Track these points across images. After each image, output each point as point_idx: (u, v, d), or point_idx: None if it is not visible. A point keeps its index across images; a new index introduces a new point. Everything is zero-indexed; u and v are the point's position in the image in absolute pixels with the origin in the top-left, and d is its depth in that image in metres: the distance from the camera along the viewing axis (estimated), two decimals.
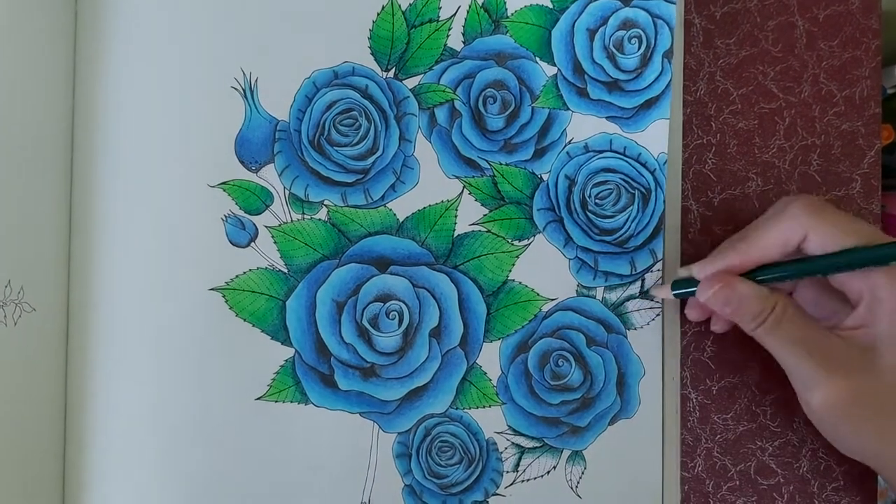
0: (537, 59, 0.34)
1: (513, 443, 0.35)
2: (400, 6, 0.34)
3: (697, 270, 0.31)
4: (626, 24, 0.34)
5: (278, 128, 0.34)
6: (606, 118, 0.35)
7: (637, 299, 0.35)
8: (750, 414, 0.35)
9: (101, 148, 0.34)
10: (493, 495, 0.35)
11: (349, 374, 0.34)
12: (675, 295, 0.33)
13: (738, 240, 0.30)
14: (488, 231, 0.35)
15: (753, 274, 0.30)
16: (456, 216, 0.35)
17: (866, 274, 0.28)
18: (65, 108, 0.34)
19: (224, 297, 0.34)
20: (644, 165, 0.35)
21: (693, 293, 0.31)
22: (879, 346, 0.27)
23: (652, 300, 0.35)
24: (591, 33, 0.34)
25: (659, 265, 0.35)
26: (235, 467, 0.34)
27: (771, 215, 0.30)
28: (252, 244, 0.34)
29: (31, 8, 0.31)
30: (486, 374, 0.35)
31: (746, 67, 0.35)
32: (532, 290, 0.35)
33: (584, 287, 0.35)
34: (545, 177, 0.35)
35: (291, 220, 0.34)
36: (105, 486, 0.34)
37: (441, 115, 0.35)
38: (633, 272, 0.35)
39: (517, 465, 0.35)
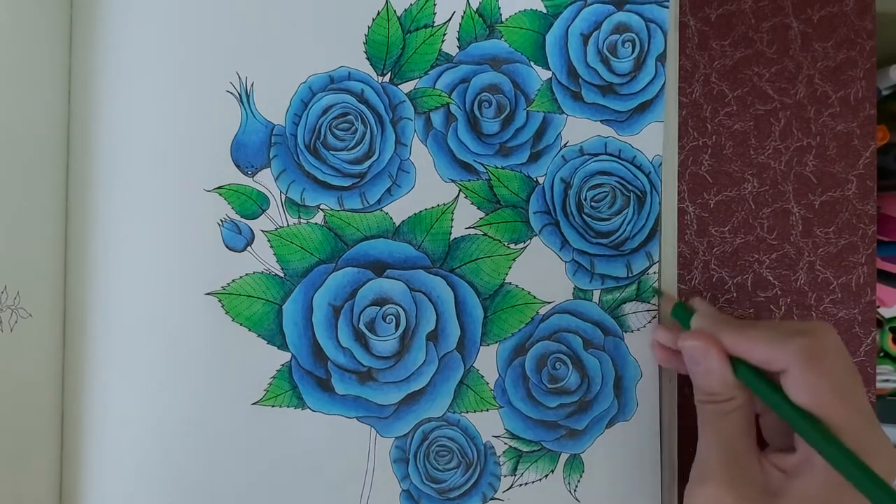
0: (532, 63, 0.35)
1: (510, 446, 0.35)
2: (395, 12, 0.34)
3: (695, 321, 0.31)
4: (620, 29, 0.34)
5: (274, 132, 0.34)
6: (601, 121, 0.35)
7: (634, 302, 0.35)
8: None
9: (97, 153, 0.34)
10: (491, 499, 0.35)
11: (346, 379, 0.34)
12: (673, 314, 0.33)
13: (746, 326, 0.29)
14: (484, 234, 0.35)
15: (738, 363, 0.29)
16: (452, 220, 0.35)
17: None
18: (60, 113, 0.34)
19: (220, 301, 0.34)
20: (639, 168, 0.35)
21: (685, 325, 0.32)
22: (789, 497, 0.27)
23: (651, 299, 0.35)
24: (585, 38, 0.34)
25: (655, 268, 0.35)
26: (232, 473, 0.34)
27: (790, 330, 0.28)
28: (248, 248, 0.34)
29: (27, 12, 0.31)
30: (483, 377, 0.35)
31: (741, 69, 0.36)
32: (528, 293, 0.35)
33: (580, 290, 0.35)
34: (541, 180, 0.35)
35: (288, 225, 0.34)
36: (102, 492, 0.34)
37: (437, 119, 0.35)
38: (630, 275, 0.35)
39: (515, 468, 0.35)
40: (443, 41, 0.35)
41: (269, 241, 0.34)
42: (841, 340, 0.28)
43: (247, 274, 0.34)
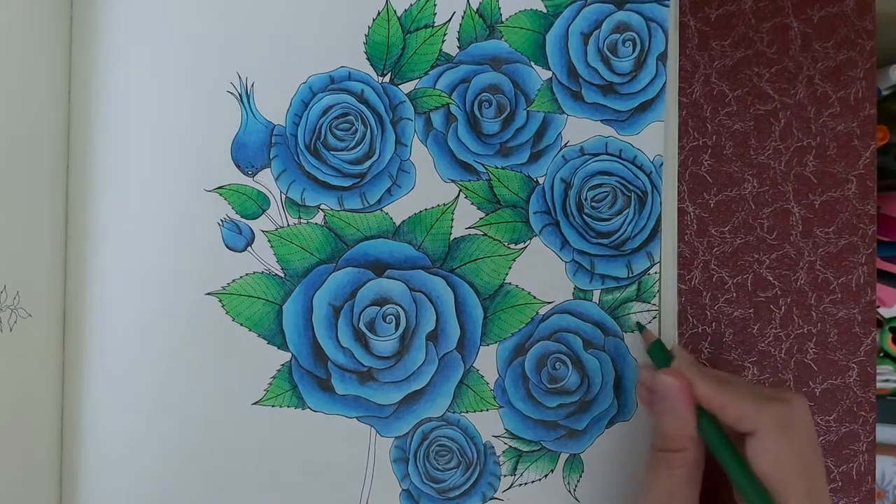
0: (532, 63, 0.35)
1: (510, 446, 0.35)
2: (395, 12, 0.34)
3: (675, 364, 0.31)
4: (620, 28, 0.34)
5: (275, 132, 0.34)
6: (602, 121, 0.35)
7: (634, 302, 0.35)
8: None
9: (97, 153, 0.34)
10: (490, 499, 0.35)
11: (346, 379, 0.34)
12: (648, 352, 0.33)
13: (723, 380, 0.30)
14: (484, 234, 0.35)
15: (703, 417, 0.29)
16: (452, 220, 0.35)
17: None
18: (60, 114, 0.34)
19: (221, 301, 0.34)
20: (640, 168, 0.35)
21: (659, 365, 0.32)
22: None
23: (640, 327, 0.35)
24: (586, 37, 0.34)
25: (656, 268, 0.35)
26: (232, 472, 0.34)
27: (766, 394, 0.29)
28: (248, 248, 0.34)
29: (27, 12, 0.31)
30: (483, 377, 0.35)
31: (741, 69, 0.36)
32: (528, 293, 0.35)
33: (580, 290, 0.35)
34: (541, 180, 0.35)
35: (288, 225, 0.34)
36: (102, 491, 0.34)
37: (437, 119, 0.35)
38: (630, 275, 0.35)
39: (515, 468, 0.35)
40: (443, 41, 0.35)
41: (269, 241, 0.34)
42: (811, 413, 0.28)
43: (247, 274, 0.34)
